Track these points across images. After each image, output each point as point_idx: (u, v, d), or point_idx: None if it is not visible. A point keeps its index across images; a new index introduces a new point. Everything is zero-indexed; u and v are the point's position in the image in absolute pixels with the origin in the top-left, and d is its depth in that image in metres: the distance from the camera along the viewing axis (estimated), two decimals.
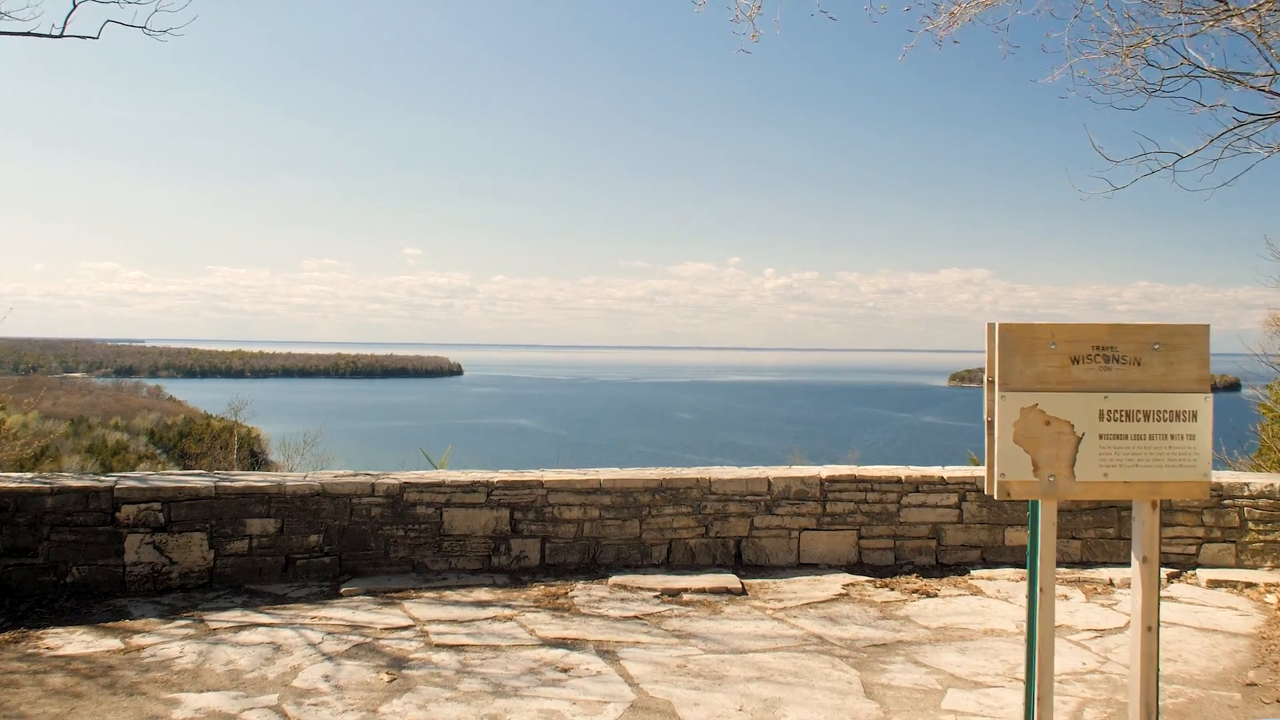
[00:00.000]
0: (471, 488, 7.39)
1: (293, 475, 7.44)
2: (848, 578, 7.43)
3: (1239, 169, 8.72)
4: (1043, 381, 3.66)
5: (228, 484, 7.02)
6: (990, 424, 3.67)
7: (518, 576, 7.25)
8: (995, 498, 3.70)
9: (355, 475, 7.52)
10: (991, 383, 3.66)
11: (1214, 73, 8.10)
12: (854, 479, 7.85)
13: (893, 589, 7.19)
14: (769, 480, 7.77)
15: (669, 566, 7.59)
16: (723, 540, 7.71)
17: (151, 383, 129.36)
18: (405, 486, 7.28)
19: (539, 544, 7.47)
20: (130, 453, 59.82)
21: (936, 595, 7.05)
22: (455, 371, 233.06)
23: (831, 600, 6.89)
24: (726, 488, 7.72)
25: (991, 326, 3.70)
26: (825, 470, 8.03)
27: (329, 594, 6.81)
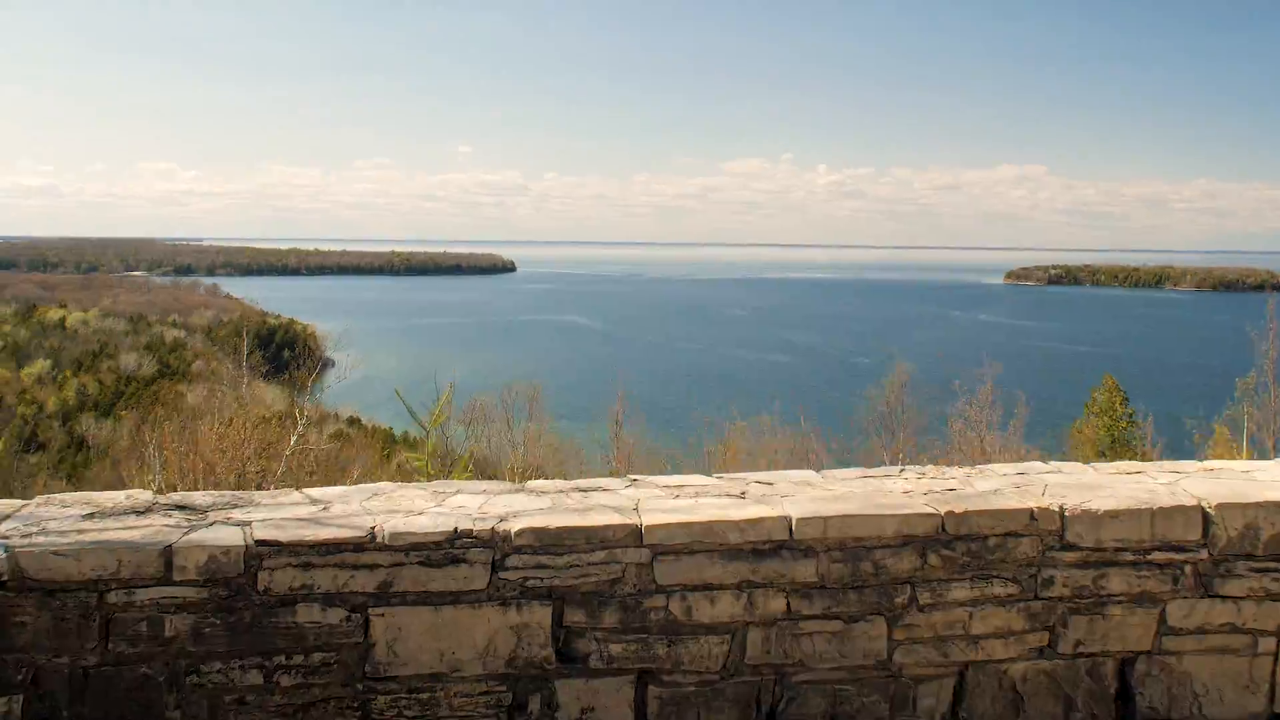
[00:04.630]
0: (451, 548, 2.75)
1: None
2: None
3: None
4: None
5: None
6: None
7: None
8: None
9: (124, 522, 2.78)
10: None
11: None
12: None
13: None
14: (1204, 511, 3.06)
15: None
16: (1091, 663, 3.05)
17: (209, 281, 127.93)
18: (261, 551, 2.65)
19: (631, 689, 2.87)
20: (187, 349, 57.89)
21: None
22: (509, 268, 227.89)
23: None
24: (1102, 532, 3.02)
25: None
26: None
27: None
